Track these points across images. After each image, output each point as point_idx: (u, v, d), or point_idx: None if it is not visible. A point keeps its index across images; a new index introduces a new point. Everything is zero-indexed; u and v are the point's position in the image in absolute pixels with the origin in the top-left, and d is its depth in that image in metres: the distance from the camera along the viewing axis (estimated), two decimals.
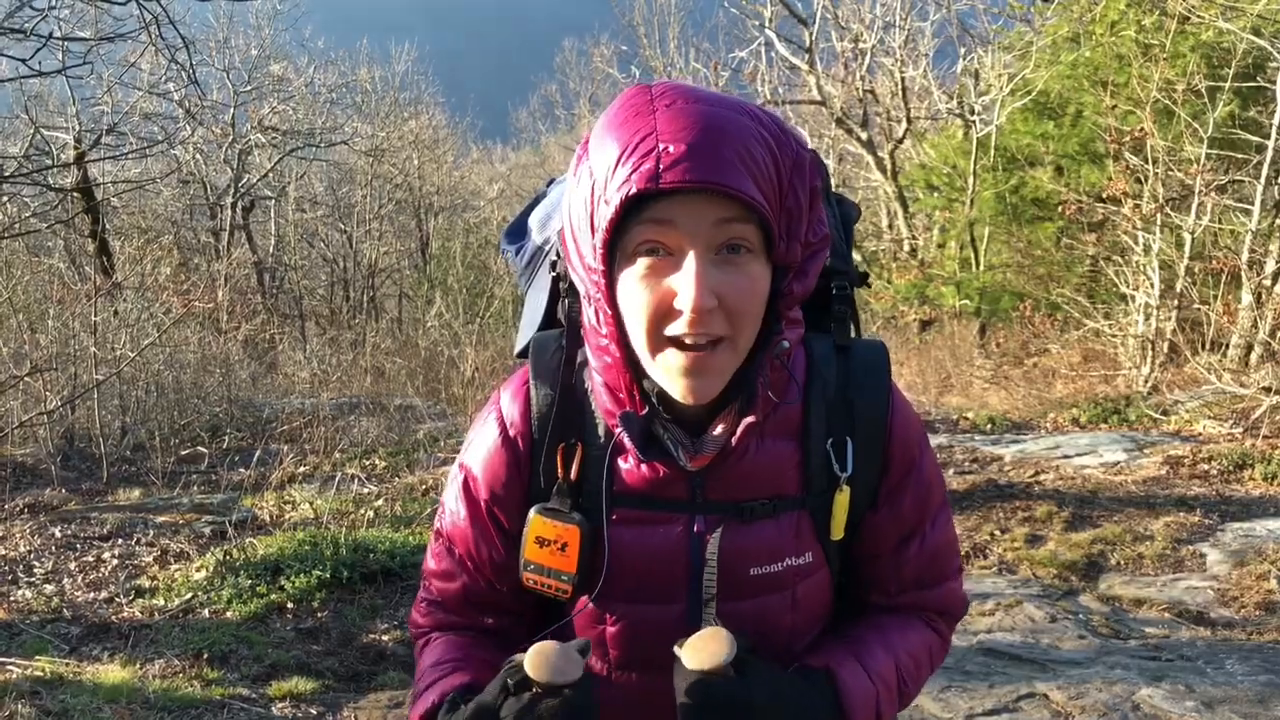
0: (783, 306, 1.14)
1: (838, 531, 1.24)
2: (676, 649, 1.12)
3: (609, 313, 1.13)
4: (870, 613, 1.34)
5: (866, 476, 1.25)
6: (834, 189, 1.46)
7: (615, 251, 1.11)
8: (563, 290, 1.31)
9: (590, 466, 1.23)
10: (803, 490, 1.23)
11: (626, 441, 1.17)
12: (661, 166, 1.03)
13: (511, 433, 1.28)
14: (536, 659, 1.06)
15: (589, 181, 1.10)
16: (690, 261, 1.06)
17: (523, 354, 1.35)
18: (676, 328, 1.08)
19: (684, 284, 1.06)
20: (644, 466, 1.20)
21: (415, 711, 1.22)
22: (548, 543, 1.22)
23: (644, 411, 1.17)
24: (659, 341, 1.10)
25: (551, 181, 1.55)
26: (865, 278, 1.43)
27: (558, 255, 1.33)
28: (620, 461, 1.22)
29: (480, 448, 1.30)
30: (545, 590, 1.24)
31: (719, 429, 1.17)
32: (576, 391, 1.26)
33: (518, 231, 1.57)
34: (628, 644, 1.26)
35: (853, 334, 1.38)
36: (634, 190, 1.04)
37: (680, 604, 1.23)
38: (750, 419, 1.15)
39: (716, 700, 1.07)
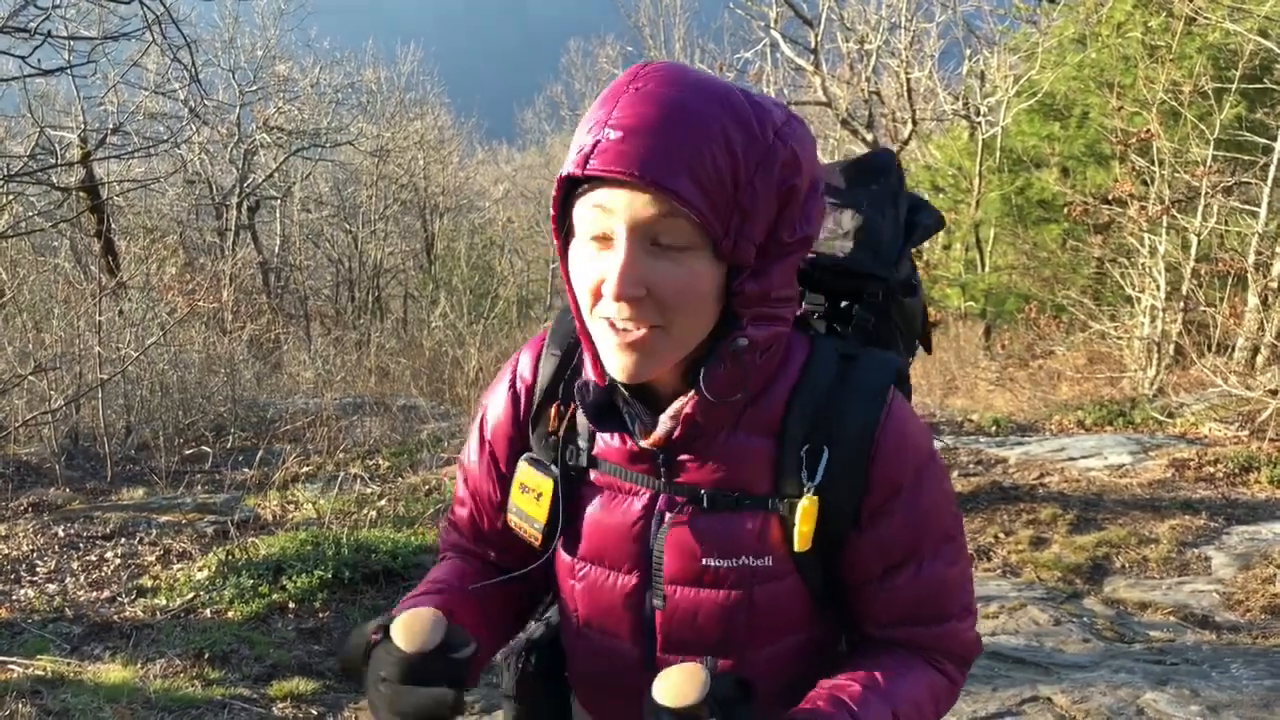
0: (737, 305, 1.11)
1: (801, 543, 1.17)
2: (654, 683, 1.07)
3: (568, 286, 1.16)
4: (866, 649, 1.28)
5: (844, 492, 1.19)
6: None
7: (567, 225, 1.14)
8: None
9: (576, 427, 1.29)
10: (772, 490, 1.20)
11: (579, 407, 1.24)
12: (595, 152, 1.05)
13: (519, 386, 1.35)
14: (405, 620, 1.11)
15: None
16: (620, 249, 1.07)
17: None
18: (607, 310, 1.10)
19: (611, 271, 1.07)
20: (615, 438, 1.24)
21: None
22: (528, 490, 1.29)
23: (605, 384, 1.19)
24: (596, 319, 1.13)
25: None
26: (911, 289, 1.39)
27: None
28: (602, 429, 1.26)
29: (494, 393, 1.39)
30: (522, 534, 1.31)
31: (672, 411, 1.18)
32: (578, 356, 1.30)
33: None
34: (589, 604, 1.30)
35: (893, 345, 1.37)
36: (567, 172, 1.07)
37: (634, 577, 1.26)
38: (689, 412, 1.16)
39: None
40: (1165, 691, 3.82)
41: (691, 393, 1.15)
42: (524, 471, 1.30)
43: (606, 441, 1.26)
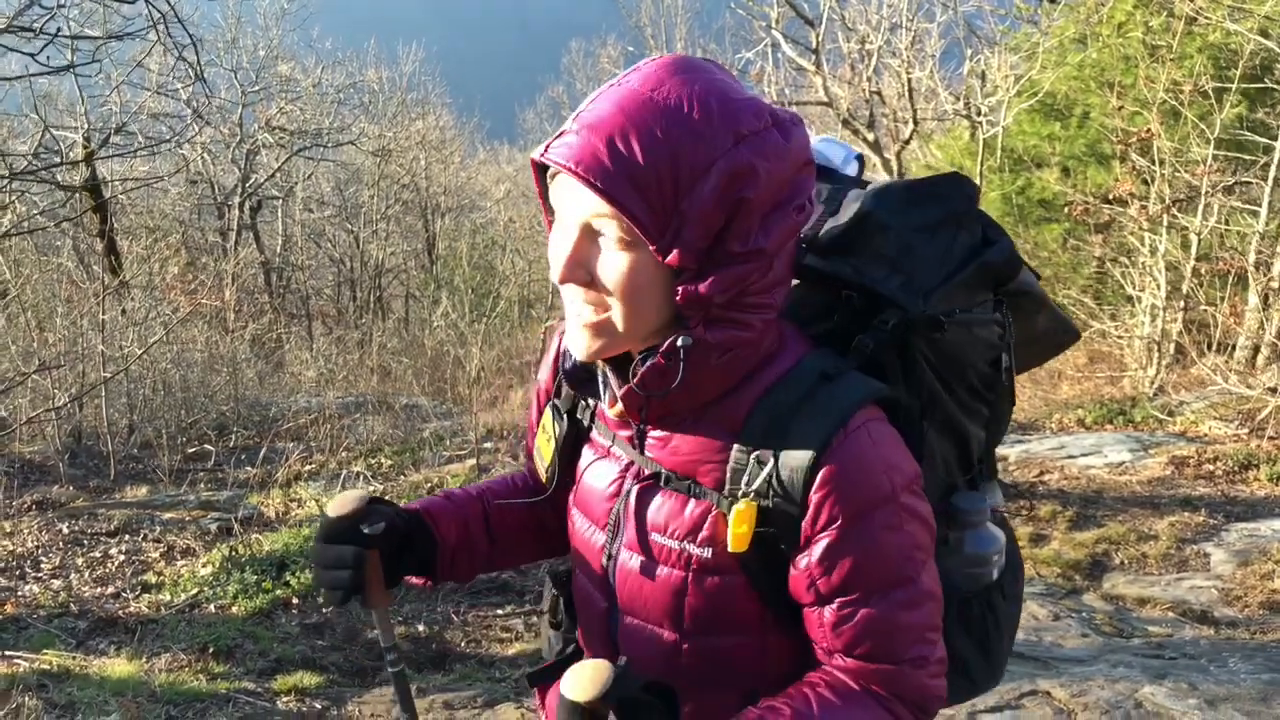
0: (681, 306, 1.13)
1: (735, 544, 1.16)
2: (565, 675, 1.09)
3: None
4: (816, 674, 1.23)
5: (784, 507, 1.17)
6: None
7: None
8: None
9: (590, 388, 1.37)
10: (719, 486, 1.21)
11: (561, 369, 1.37)
12: (554, 141, 1.13)
13: (561, 344, 1.43)
14: (337, 495, 1.44)
15: None
16: (568, 237, 1.15)
17: None
18: (563, 291, 1.20)
19: (558, 256, 1.16)
20: (610, 402, 1.32)
21: None
22: (545, 431, 1.45)
23: None
24: (560, 294, 1.22)
25: None
26: (939, 324, 1.28)
27: None
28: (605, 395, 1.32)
29: (551, 346, 1.50)
30: (537, 468, 1.49)
31: (618, 392, 1.25)
32: None
33: None
34: (576, 547, 1.41)
35: (926, 380, 1.30)
36: (533, 156, 1.16)
37: (604, 535, 1.34)
38: (618, 394, 1.24)
39: None
40: (1164, 685, 3.85)
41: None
42: (546, 415, 1.45)
43: (605, 407, 1.33)
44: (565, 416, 1.41)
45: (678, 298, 1.13)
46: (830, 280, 1.31)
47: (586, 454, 1.39)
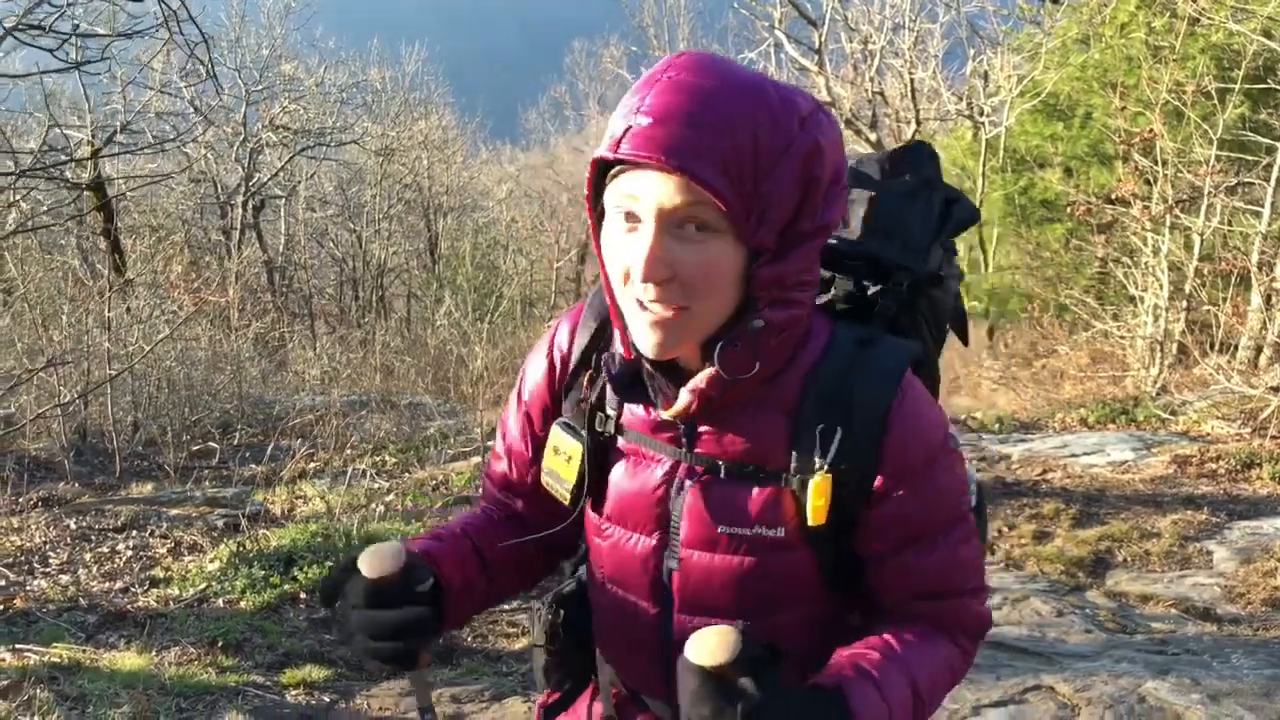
0: (756, 288, 1.16)
1: (814, 517, 1.22)
2: (688, 642, 1.11)
3: (601, 264, 1.21)
4: (884, 620, 1.32)
5: (857, 470, 1.24)
6: None
7: (599, 208, 1.19)
8: None
9: (606, 396, 1.35)
10: (786, 466, 1.25)
11: (607, 378, 1.30)
12: (625, 138, 1.10)
13: (555, 353, 1.42)
14: (369, 551, 1.24)
15: None
16: (647, 232, 1.13)
17: None
18: (635, 290, 1.16)
19: (638, 255, 1.13)
20: (640, 408, 1.31)
21: None
22: (560, 452, 1.37)
23: (632, 356, 1.24)
24: (626, 297, 1.18)
25: None
26: (938, 279, 1.42)
27: None
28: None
29: (533, 359, 1.46)
30: (554, 493, 1.39)
31: (691, 385, 1.23)
32: (611, 328, 1.35)
33: None
34: (612, 563, 1.37)
35: (916, 333, 1.40)
36: (599, 155, 1.13)
37: (654, 540, 1.32)
38: (704, 388, 1.21)
39: (709, 698, 1.06)
40: (1167, 680, 3.87)
41: (709, 369, 1.21)
42: (556, 435, 1.38)
43: (632, 411, 1.32)
44: (585, 431, 1.35)
45: (759, 280, 1.16)
46: (830, 253, 1.39)
47: (615, 462, 1.35)
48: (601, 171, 1.18)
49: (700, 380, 1.22)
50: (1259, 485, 6.78)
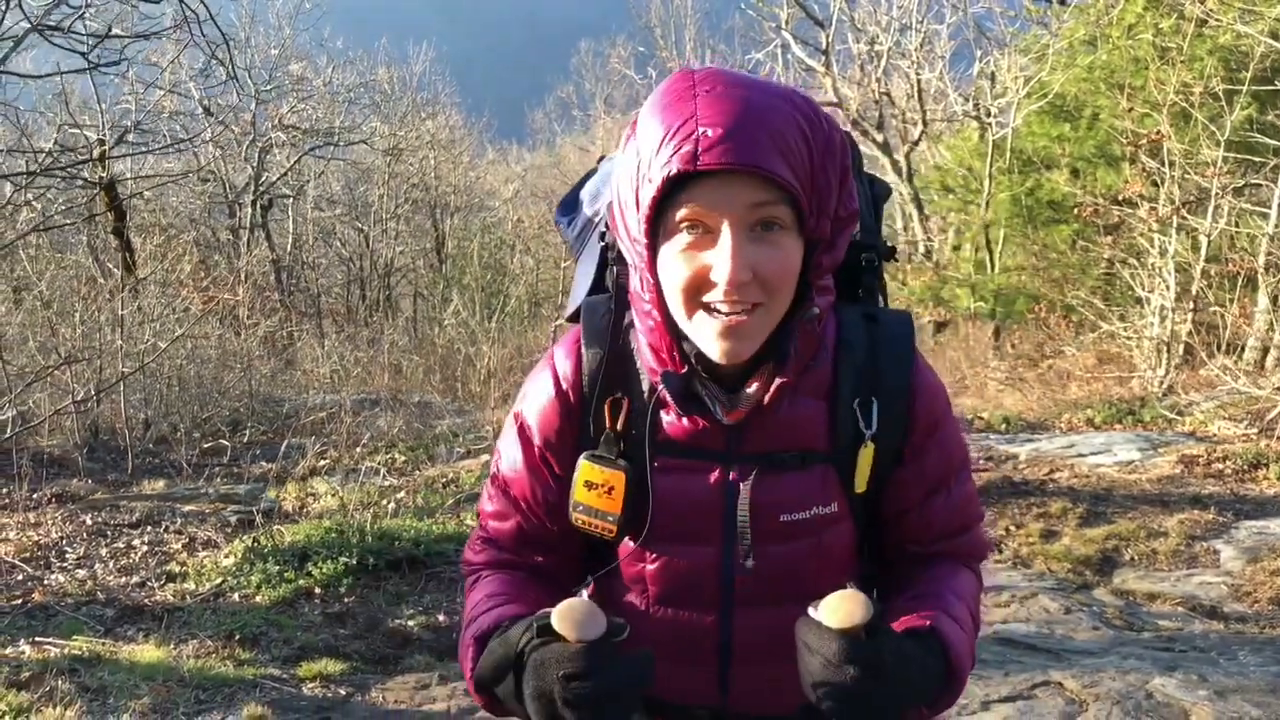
0: (813, 277, 1.23)
1: (861, 484, 1.33)
2: (811, 610, 1.15)
3: (651, 281, 1.23)
4: (913, 564, 1.42)
5: (891, 435, 1.34)
6: None
7: (658, 225, 1.21)
8: (611, 259, 1.41)
9: (634, 419, 1.34)
10: (830, 445, 1.32)
11: (669, 397, 1.29)
12: (700, 149, 1.13)
13: (564, 385, 1.38)
14: (564, 612, 1.13)
15: (635, 160, 1.21)
16: (726, 238, 1.16)
17: (573, 317, 1.46)
18: (713, 297, 1.19)
19: (720, 259, 1.16)
20: (684, 419, 1.31)
21: (470, 633, 1.30)
22: (595, 486, 1.32)
23: (684, 370, 1.27)
24: (695, 308, 1.21)
25: (603, 159, 1.63)
26: (893, 252, 1.53)
27: (606, 227, 1.41)
28: (663, 414, 1.33)
29: (536, 398, 1.41)
30: (592, 530, 1.34)
31: (753, 387, 1.27)
32: (623, 351, 1.36)
33: (570, 204, 1.65)
34: (665, 581, 1.36)
35: (881, 303, 1.48)
36: (674, 171, 1.14)
37: (714, 546, 1.33)
38: (782, 379, 1.25)
39: (855, 658, 1.10)
40: (1174, 677, 3.91)
41: (765, 366, 1.26)
42: (587, 469, 1.33)
43: (669, 425, 1.32)
44: (620, 460, 1.32)
45: (819, 268, 1.23)
46: None
47: (659, 483, 1.33)
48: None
49: (768, 375, 1.26)
50: (1266, 485, 6.80)
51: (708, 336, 1.21)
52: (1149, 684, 3.86)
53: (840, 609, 1.13)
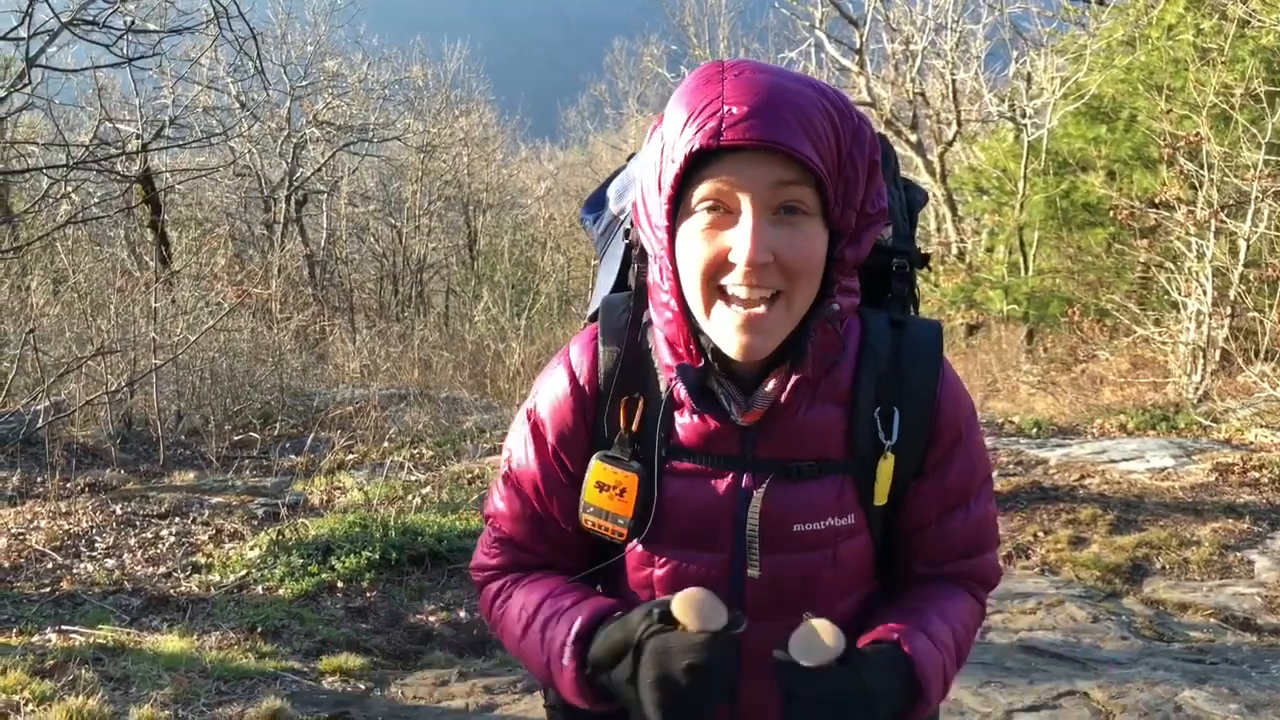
0: (836, 271, 1.20)
1: (881, 497, 1.29)
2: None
3: (670, 268, 1.21)
4: (915, 583, 1.38)
5: (913, 447, 1.30)
6: None
7: (680, 208, 1.18)
8: (634, 256, 1.38)
9: (650, 419, 1.30)
10: (848, 455, 1.28)
11: (681, 392, 1.26)
12: (724, 125, 1.11)
13: (580, 382, 1.35)
14: (687, 601, 1.14)
15: (660, 144, 1.19)
16: (747, 217, 1.14)
17: (594, 316, 1.43)
18: (732, 280, 1.16)
19: (740, 239, 1.14)
20: (698, 420, 1.28)
21: (565, 627, 1.27)
22: (607, 487, 1.30)
23: (700, 365, 1.23)
24: (713, 295, 1.18)
25: (632, 156, 1.59)
26: (925, 259, 1.49)
27: (631, 224, 1.38)
28: (677, 416, 1.29)
29: (549, 395, 1.38)
30: (602, 532, 1.32)
31: (770, 385, 1.23)
32: (640, 349, 1.33)
33: (596, 203, 1.63)
34: (674, 587, 1.29)
35: (911, 312, 1.44)
36: (697, 146, 1.12)
37: (725, 553, 1.30)
38: (799, 376, 1.22)
39: (838, 694, 1.12)
40: (1204, 690, 3.83)
41: (783, 364, 1.22)
42: (599, 470, 1.30)
43: (683, 427, 1.29)
44: (633, 461, 1.30)
45: (842, 262, 1.20)
46: None
47: (672, 485, 1.30)
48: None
49: (784, 374, 1.23)
50: None
51: (726, 331, 1.18)
52: (1178, 696, 3.79)
53: (815, 645, 1.13)
